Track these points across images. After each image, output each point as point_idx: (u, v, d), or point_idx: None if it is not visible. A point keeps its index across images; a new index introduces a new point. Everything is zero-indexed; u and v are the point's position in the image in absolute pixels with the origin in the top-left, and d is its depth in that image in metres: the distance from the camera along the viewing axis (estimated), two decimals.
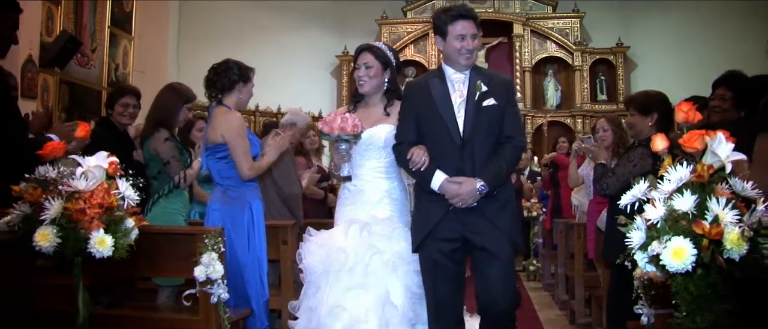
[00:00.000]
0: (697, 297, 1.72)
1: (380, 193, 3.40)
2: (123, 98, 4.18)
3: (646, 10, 11.39)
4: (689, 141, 1.74)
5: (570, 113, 11.26)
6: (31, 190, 1.94)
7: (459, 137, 3.11)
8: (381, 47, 3.49)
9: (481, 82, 3.15)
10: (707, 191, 1.72)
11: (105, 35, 8.65)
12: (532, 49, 11.42)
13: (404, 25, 11.68)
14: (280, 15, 11.48)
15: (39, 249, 1.90)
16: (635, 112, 3.52)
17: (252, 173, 3.53)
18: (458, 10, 3.21)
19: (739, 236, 1.64)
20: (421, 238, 3.14)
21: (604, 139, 4.36)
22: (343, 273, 3.20)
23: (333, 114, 3.29)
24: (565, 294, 5.78)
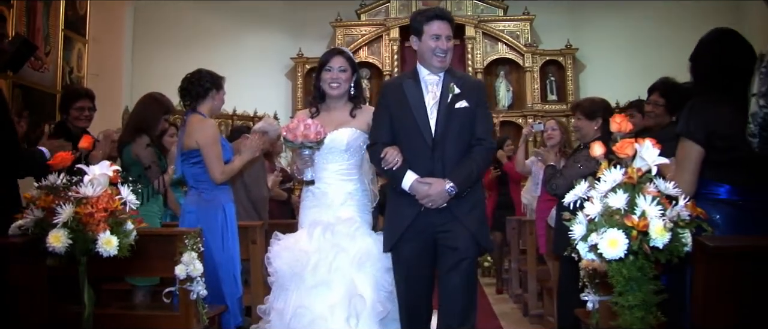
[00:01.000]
0: (629, 279, 2.06)
1: (343, 195, 3.51)
2: (78, 101, 4.31)
3: (594, 13, 11.75)
4: (621, 148, 2.09)
5: (521, 113, 11.55)
6: (44, 196, 2.17)
7: (431, 138, 3.21)
8: (349, 52, 3.68)
9: (454, 84, 3.26)
10: (636, 190, 2.06)
11: (59, 38, 8.62)
12: (483, 51, 11.67)
13: (358, 27, 11.84)
14: (235, 18, 11.55)
15: (52, 249, 2.14)
16: (582, 116, 3.89)
17: (224, 177, 3.78)
18: (435, 10, 3.35)
19: (662, 228, 1.98)
20: (395, 239, 3.24)
21: (552, 137, 4.74)
22: (307, 273, 3.30)
23: (295, 121, 3.36)
24: (518, 288, 6.15)
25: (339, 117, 3.56)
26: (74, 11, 9.03)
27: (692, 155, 2.51)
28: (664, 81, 3.86)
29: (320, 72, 3.59)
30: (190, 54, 10.83)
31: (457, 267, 3.15)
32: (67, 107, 4.29)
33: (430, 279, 3.29)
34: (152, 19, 10.41)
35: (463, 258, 3.15)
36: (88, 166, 2.27)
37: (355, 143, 3.53)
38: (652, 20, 10.86)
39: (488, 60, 11.71)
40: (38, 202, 2.17)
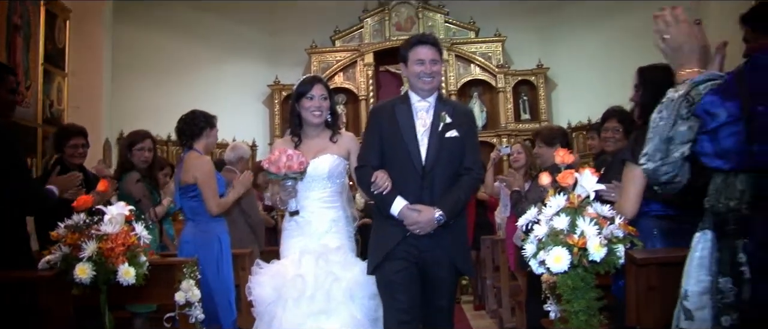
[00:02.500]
0: (573, 288, 2.49)
1: (327, 223, 3.54)
2: (71, 139, 4.52)
3: (564, 33, 12.17)
4: (563, 179, 2.53)
5: (495, 133, 11.96)
6: (70, 234, 2.56)
7: (421, 165, 3.28)
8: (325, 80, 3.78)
9: (446, 113, 3.33)
10: (577, 213, 2.49)
11: (39, 72, 8.73)
12: (457, 73, 12.12)
13: (333, 53, 12.20)
14: (212, 47, 11.89)
15: (78, 280, 2.52)
16: (542, 144, 4.33)
17: (219, 210, 4.19)
18: (418, 36, 3.49)
19: (598, 245, 2.41)
20: (379, 260, 3.29)
21: (518, 160, 5.18)
22: (303, 300, 3.30)
23: (277, 152, 3.39)
24: (494, 304, 6.57)
25: (319, 144, 3.61)
26: (53, 45, 9.13)
27: (635, 179, 2.93)
28: (620, 109, 4.21)
29: (299, 100, 3.62)
30: (168, 83, 11.17)
31: (438, 291, 3.28)
32: (61, 145, 4.51)
33: (414, 301, 3.29)
34: (130, 51, 10.64)
35: (443, 284, 3.28)
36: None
37: (336, 170, 3.59)
38: (620, 39, 11.20)
39: (462, 82, 12.12)
40: (66, 239, 2.56)
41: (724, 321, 1.64)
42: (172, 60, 11.41)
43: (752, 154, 1.52)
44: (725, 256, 1.66)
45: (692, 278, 1.71)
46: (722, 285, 1.65)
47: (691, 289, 1.71)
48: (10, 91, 3.46)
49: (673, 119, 1.61)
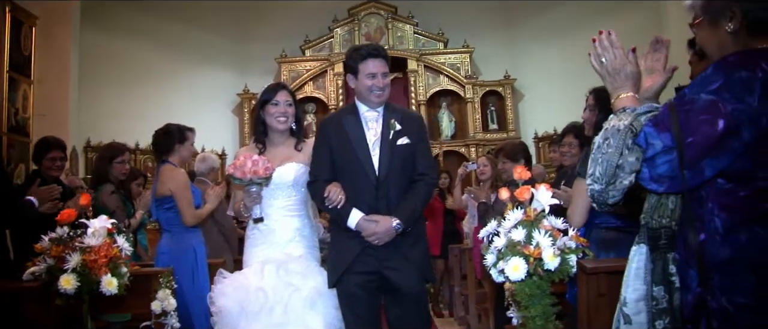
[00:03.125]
0: (530, 295, 2.71)
1: (291, 231, 3.55)
2: (50, 152, 4.60)
3: (531, 45, 12.48)
4: (520, 194, 2.75)
5: (464, 142, 12.24)
6: (55, 247, 2.72)
7: (374, 176, 3.28)
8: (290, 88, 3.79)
9: (395, 120, 3.32)
10: (533, 225, 2.72)
11: (4, 81, 8.71)
12: (426, 84, 12.36)
13: (303, 63, 12.42)
14: (181, 55, 12.00)
15: (63, 291, 2.68)
16: (506, 159, 4.59)
17: (194, 221, 4.36)
18: (368, 49, 3.41)
19: (552, 255, 2.64)
20: (340, 274, 3.27)
21: (485, 173, 5.44)
22: (263, 314, 3.28)
23: (242, 158, 3.39)
24: (462, 310, 6.80)
25: (284, 152, 3.61)
26: (19, 53, 9.09)
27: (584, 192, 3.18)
28: (576, 125, 4.47)
29: (263, 107, 3.62)
30: (136, 92, 11.23)
31: (407, 303, 3.25)
32: (40, 157, 4.61)
33: (374, 310, 3.32)
34: (98, 59, 10.67)
35: (412, 292, 3.25)
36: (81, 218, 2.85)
37: (301, 178, 3.57)
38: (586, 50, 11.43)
39: (431, 92, 12.39)
40: (50, 252, 2.72)
41: (657, 325, 1.86)
42: (140, 68, 11.48)
43: (683, 179, 1.75)
44: (658, 267, 1.89)
45: (630, 286, 1.94)
46: (656, 293, 1.88)
47: (629, 296, 1.94)
48: None
49: (620, 149, 1.83)
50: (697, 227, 1.77)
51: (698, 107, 1.72)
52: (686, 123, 1.72)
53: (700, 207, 1.78)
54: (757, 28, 1.81)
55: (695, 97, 1.74)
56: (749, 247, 1.69)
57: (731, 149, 1.69)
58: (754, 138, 1.68)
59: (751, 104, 1.68)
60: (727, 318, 1.69)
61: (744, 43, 1.82)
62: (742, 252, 1.69)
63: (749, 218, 1.70)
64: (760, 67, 1.72)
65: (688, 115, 1.73)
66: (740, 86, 1.70)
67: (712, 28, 1.90)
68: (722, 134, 1.68)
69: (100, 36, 10.74)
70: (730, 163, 1.71)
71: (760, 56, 1.75)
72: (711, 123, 1.69)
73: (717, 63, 1.80)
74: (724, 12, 1.84)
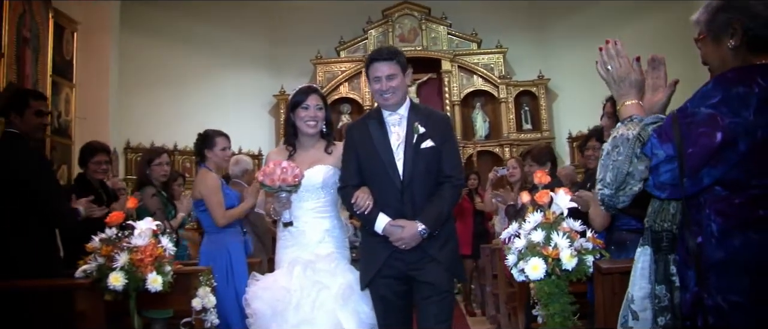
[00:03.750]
0: (549, 293, 2.89)
1: (320, 233, 3.59)
2: (95, 156, 4.86)
3: (564, 45, 12.57)
4: (540, 197, 2.93)
5: (498, 142, 12.40)
6: (105, 247, 2.97)
7: (399, 180, 3.29)
8: (321, 91, 3.83)
9: (418, 123, 3.32)
10: (552, 227, 2.89)
11: (47, 84, 8.97)
12: (460, 84, 12.56)
13: (338, 64, 12.68)
14: (218, 57, 12.33)
15: (112, 287, 2.93)
16: (533, 162, 4.75)
17: (225, 221, 4.58)
18: (373, 53, 3.46)
19: (569, 256, 2.81)
20: (370, 277, 3.34)
21: (514, 175, 5.61)
22: (289, 312, 3.35)
23: (272, 165, 3.45)
24: (493, 310, 6.97)
25: (314, 155, 3.66)
26: (61, 57, 9.45)
27: None
28: (599, 129, 4.60)
29: (294, 110, 3.67)
30: (174, 94, 11.58)
31: (433, 301, 3.26)
32: (85, 160, 4.87)
33: (406, 312, 3.39)
34: (136, 62, 11.00)
35: (439, 292, 3.26)
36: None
37: (330, 180, 3.61)
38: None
39: (464, 92, 12.59)
40: (101, 251, 2.97)
41: (659, 321, 2.03)
42: (177, 70, 11.82)
43: (683, 187, 1.91)
44: (660, 268, 2.05)
45: (636, 285, 2.10)
46: (658, 291, 2.04)
47: (636, 294, 2.10)
48: (36, 113, 3.87)
49: (630, 157, 2.00)
50: (695, 231, 1.93)
51: (698, 119, 1.88)
52: (687, 135, 1.89)
53: (698, 212, 1.94)
54: (756, 44, 1.96)
55: (696, 110, 1.91)
56: (743, 250, 1.84)
57: (728, 160, 1.85)
58: (749, 149, 1.84)
59: (747, 117, 1.84)
60: (721, 315, 1.85)
61: (744, 59, 1.98)
62: (736, 254, 1.85)
63: (743, 224, 1.86)
64: (756, 82, 1.87)
65: (689, 127, 1.89)
66: (737, 101, 1.86)
67: (715, 44, 2.05)
68: (720, 145, 1.84)
69: (139, 40, 11.08)
70: (726, 172, 1.87)
71: (757, 72, 1.90)
72: (709, 135, 1.85)
73: (716, 79, 1.96)
74: (726, 29, 2.00)
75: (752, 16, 1.95)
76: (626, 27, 11.16)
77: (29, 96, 3.93)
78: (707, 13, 2.06)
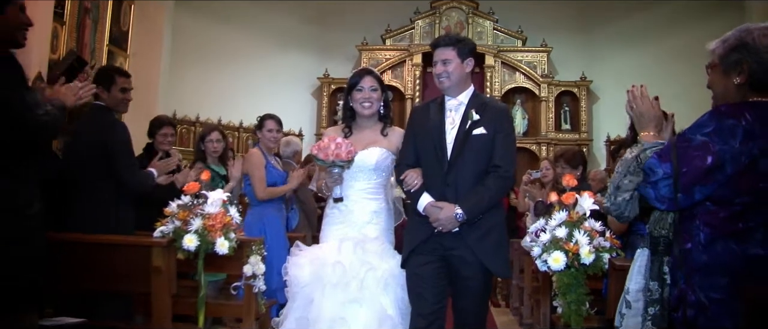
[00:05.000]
0: (567, 284, 3.35)
1: (368, 214, 3.72)
2: (161, 129, 5.48)
3: (608, 48, 12.88)
4: (566, 199, 3.38)
5: (535, 141, 12.75)
6: (181, 212, 3.49)
7: (446, 162, 3.40)
8: (377, 72, 3.93)
9: (474, 110, 3.44)
10: (575, 226, 3.34)
11: (103, 53, 9.55)
12: (502, 80, 12.90)
13: (383, 51, 13.12)
14: (267, 39, 12.84)
15: (186, 248, 3.44)
16: (566, 165, 5.18)
17: (266, 196, 5.17)
18: (436, 39, 3.68)
19: (588, 252, 3.26)
20: (407, 254, 3.47)
21: (547, 176, 6.05)
22: (339, 287, 3.47)
23: (326, 140, 3.56)
24: (517, 302, 7.43)
25: (370, 136, 3.79)
26: (118, 28, 9.98)
27: None
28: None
29: (350, 92, 3.81)
30: (222, 70, 12.14)
31: (464, 291, 3.40)
32: (153, 133, 5.49)
33: (440, 295, 3.42)
34: (188, 37, 11.57)
35: (470, 284, 3.38)
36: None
37: (383, 163, 3.74)
38: (663, 59, 11.84)
39: (506, 88, 12.93)
40: (178, 215, 3.48)
41: (649, 311, 2.48)
42: (227, 48, 12.34)
43: (677, 200, 2.35)
44: (655, 267, 2.50)
45: (632, 280, 2.56)
46: (652, 286, 2.49)
47: (631, 287, 2.56)
48: (121, 90, 4.39)
49: (624, 173, 2.46)
50: (685, 238, 2.38)
51: (693, 145, 2.33)
52: (683, 157, 2.33)
53: (690, 223, 2.38)
54: (757, 85, 2.39)
55: (692, 137, 2.35)
56: (724, 256, 2.28)
57: (716, 180, 2.29)
58: (734, 172, 2.27)
59: (734, 145, 2.27)
60: (702, 309, 2.29)
61: (743, 95, 2.41)
62: (718, 259, 2.29)
63: (725, 234, 2.30)
64: (743, 117, 2.30)
65: (685, 151, 2.33)
66: (727, 132, 2.29)
67: (724, 75, 2.47)
68: (710, 167, 2.28)
69: (192, 15, 11.63)
70: (715, 190, 2.30)
71: (745, 108, 2.33)
72: (702, 158, 2.29)
73: (711, 112, 2.40)
74: (736, 67, 2.42)
75: (759, 62, 2.37)
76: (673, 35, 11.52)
77: (115, 73, 4.44)
78: (723, 48, 2.47)
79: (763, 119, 2.30)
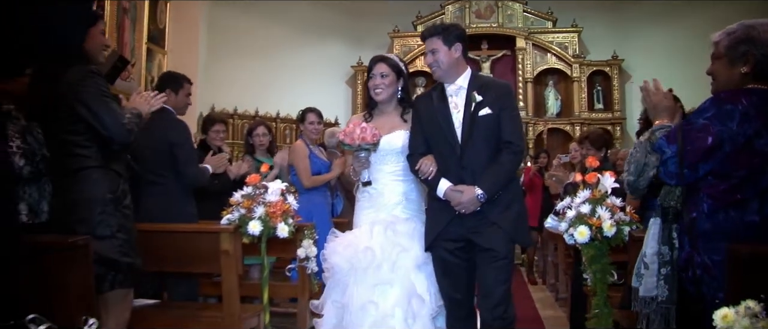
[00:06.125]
0: (592, 255, 3.82)
1: (398, 196, 3.88)
2: (214, 126, 6.04)
3: (640, 26, 13.11)
4: (589, 178, 3.84)
5: (569, 121, 13.08)
6: (246, 201, 4.02)
7: (458, 147, 3.57)
8: (393, 58, 4.02)
9: (476, 92, 3.59)
10: (598, 202, 3.80)
11: (143, 51, 10.17)
12: (533, 62, 13.24)
13: (415, 38, 13.42)
14: (300, 29, 13.28)
15: (251, 233, 3.97)
16: (591, 146, 5.62)
17: (310, 184, 5.73)
18: (421, 32, 3.90)
19: (610, 225, 3.72)
20: (431, 240, 3.65)
21: (575, 157, 6.49)
22: (371, 270, 3.63)
23: (351, 125, 3.75)
24: (553, 278, 7.91)
25: (389, 121, 3.93)
26: (155, 26, 10.58)
27: None
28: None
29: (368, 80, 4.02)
30: (257, 62, 12.65)
31: (492, 264, 3.53)
32: (206, 129, 6.06)
33: (467, 277, 3.64)
34: (223, 31, 12.05)
35: (497, 256, 3.53)
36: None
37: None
38: (694, 33, 11.90)
39: (538, 70, 13.28)
40: (242, 204, 4.01)
41: (662, 271, 2.94)
42: (261, 40, 12.83)
43: (682, 175, 2.80)
44: (666, 234, 2.95)
45: (648, 245, 3.02)
46: (663, 250, 2.95)
47: (647, 251, 3.02)
48: (186, 94, 4.94)
49: (645, 153, 2.92)
50: (691, 208, 2.83)
51: (696, 127, 2.76)
52: (687, 138, 2.77)
53: (695, 195, 2.83)
54: (759, 75, 2.81)
55: (695, 120, 2.79)
56: (724, 223, 2.72)
57: (716, 157, 2.72)
58: (732, 150, 2.70)
59: (732, 127, 2.70)
60: (705, 268, 2.74)
61: (745, 82, 2.83)
62: (719, 226, 2.72)
63: (725, 204, 2.74)
64: (740, 102, 2.73)
65: (689, 132, 2.78)
66: (725, 115, 2.72)
67: (729, 65, 2.88)
68: (710, 146, 2.71)
69: (226, 10, 12.10)
70: (716, 166, 2.74)
71: (743, 94, 2.76)
72: (703, 139, 2.72)
73: (712, 99, 2.83)
74: (742, 58, 2.82)
75: (765, 54, 2.77)
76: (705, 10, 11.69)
77: (184, 80, 4.98)
78: (729, 40, 2.88)
79: (758, 104, 2.71)
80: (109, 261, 3.22)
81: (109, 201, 3.31)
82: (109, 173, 3.37)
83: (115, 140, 3.35)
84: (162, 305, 4.52)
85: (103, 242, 3.15)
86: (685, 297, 2.87)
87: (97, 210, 3.26)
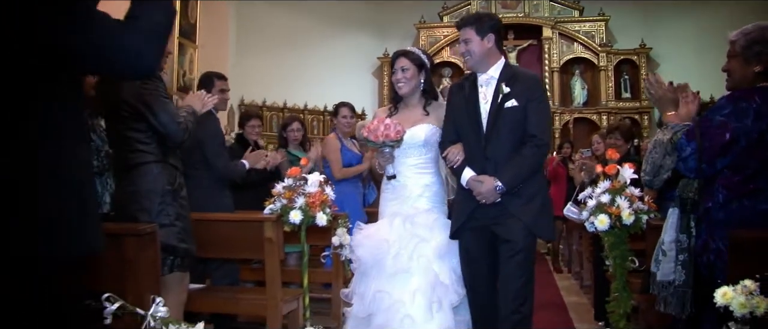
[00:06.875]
0: (612, 242, 4.12)
1: (421, 187, 3.99)
2: (250, 120, 6.39)
3: (668, 14, 13.24)
4: (609, 170, 4.14)
5: (596, 110, 13.27)
6: (287, 192, 4.37)
7: (483, 137, 3.65)
8: (415, 51, 4.10)
9: (504, 84, 3.65)
10: (617, 192, 4.10)
11: (175, 46, 10.35)
12: (560, 51, 13.46)
13: (441, 28, 13.80)
14: (327, 21, 13.61)
15: (292, 221, 4.32)
16: (619, 137, 5.90)
17: (341, 176, 6.03)
18: (456, 22, 3.94)
19: (629, 213, 4.01)
20: (456, 228, 3.76)
21: (598, 149, 6.77)
22: (388, 261, 3.76)
23: (375, 122, 3.85)
24: (578, 266, 8.20)
25: (415, 114, 4.04)
26: (186, 21, 10.89)
27: None
28: None
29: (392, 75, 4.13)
30: (285, 55, 13.01)
31: (511, 257, 3.60)
32: (243, 123, 6.41)
33: (490, 266, 3.71)
34: (253, 26, 12.42)
35: (516, 249, 3.60)
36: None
37: (432, 138, 3.98)
38: (723, 21, 11.58)
39: (564, 59, 13.49)
40: (284, 195, 4.36)
41: (680, 258, 3.22)
42: (289, 34, 13.17)
43: (701, 170, 3.07)
44: (684, 222, 3.21)
45: (666, 233, 3.30)
46: (681, 238, 3.22)
47: (666, 239, 3.30)
48: (220, 91, 5.28)
49: (662, 154, 3.18)
50: (707, 199, 3.10)
51: (714, 124, 3.01)
52: (705, 134, 3.03)
53: (712, 187, 3.09)
54: None
55: (712, 117, 3.05)
56: (737, 212, 2.97)
57: (733, 152, 2.97)
58: (747, 145, 2.95)
59: (747, 123, 2.94)
60: (718, 254, 3.01)
61: (758, 81, 3.06)
62: (732, 215, 2.97)
63: (739, 195, 2.99)
64: (754, 100, 2.96)
65: (707, 130, 3.03)
66: (741, 112, 2.95)
67: (744, 63, 3.10)
68: (728, 142, 2.96)
69: (254, 4, 12.44)
70: (732, 160, 3.00)
71: (756, 92, 2.99)
72: (721, 135, 2.96)
73: (728, 96, 3.08)
74: (757, 57, 3.05)
75: None
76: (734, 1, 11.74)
77: (215, 77, 5.30)
78: (745, 40, 3.10)
79: None
80: (168, 246, 3.56)
81: (168, 192, 3.66)
82: (167, 166, 3.72)
83: (171, 137, 3.70)
84: (207, 289, 4.89)
85: (163, 229, 3.48)
86: (699, 281, 3.12)
87: (158, 201, 3.60)
